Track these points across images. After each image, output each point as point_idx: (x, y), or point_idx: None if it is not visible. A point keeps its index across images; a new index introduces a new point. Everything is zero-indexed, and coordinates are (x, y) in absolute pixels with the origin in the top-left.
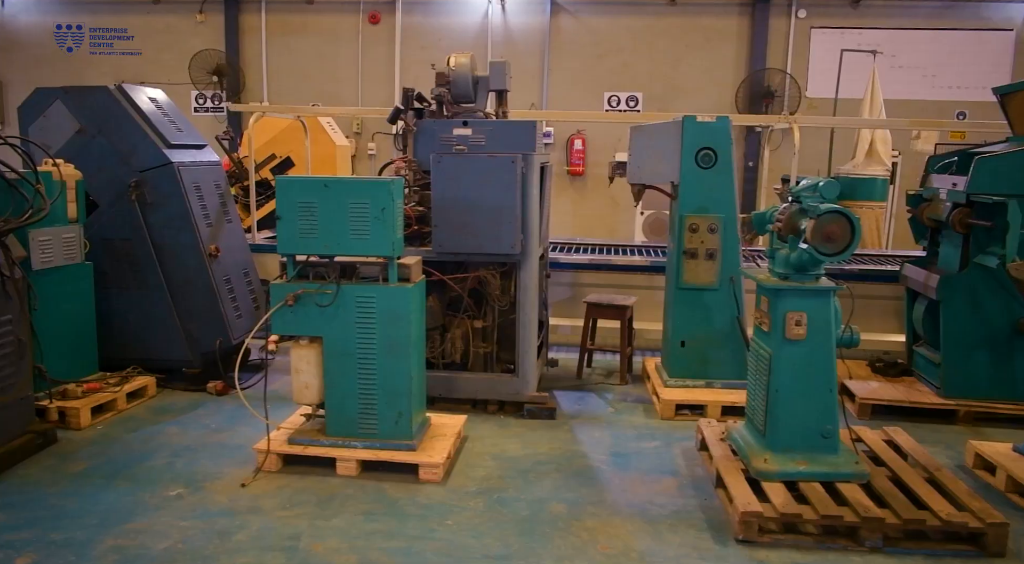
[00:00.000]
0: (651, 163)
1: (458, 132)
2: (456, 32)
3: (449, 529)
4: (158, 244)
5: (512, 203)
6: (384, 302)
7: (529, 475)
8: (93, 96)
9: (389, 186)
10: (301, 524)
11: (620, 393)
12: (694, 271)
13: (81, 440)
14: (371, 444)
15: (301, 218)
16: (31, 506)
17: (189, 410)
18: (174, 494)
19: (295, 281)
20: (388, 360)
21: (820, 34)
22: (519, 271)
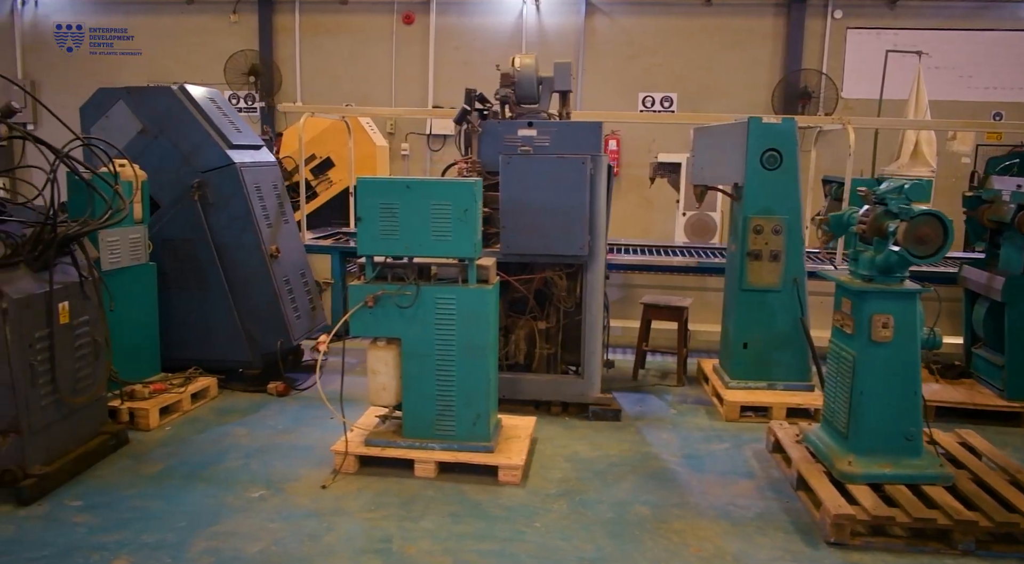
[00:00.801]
0: (715, 164)
1: (523, 133)
2: (490, 32)
3: (537, 531)
4: (219, 244)
5: (582, 204)
6: (464, 303)
7: (606, 477)
8: (156, 96)
9: (472, 187)
10: (389, 526)
11: (678, 395)
12: (758, 273)
13: (151, 441)
14: (449, 446)
15: (382, 219)
16: (116, 507)
17: (252, 411)
18: (256, 496)
19: (374, 282)
20: (466, 361)
21: (856, 34)
22: (586, 272)
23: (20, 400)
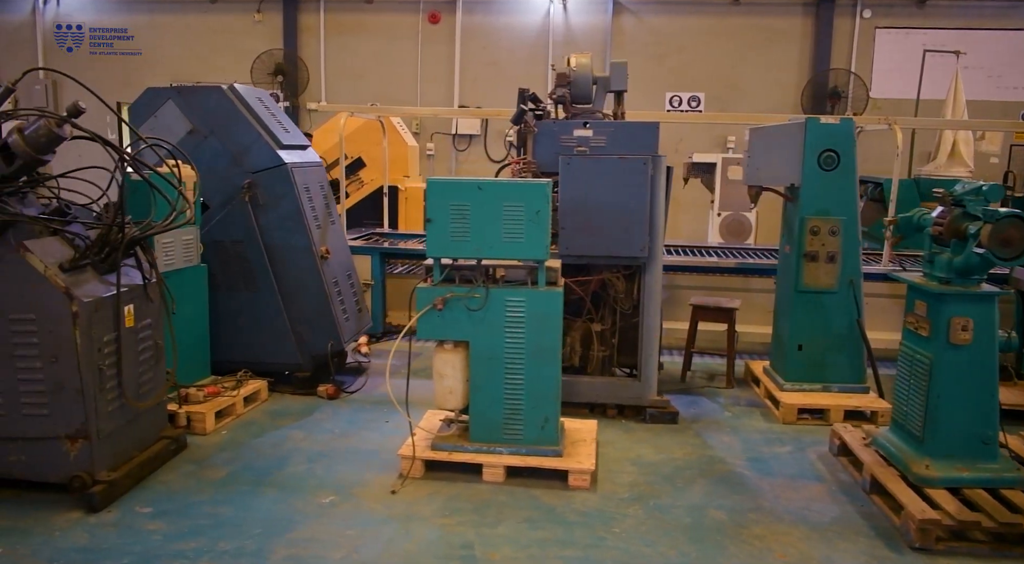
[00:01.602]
0: (770, 165)
1: (579, 133)
2: (517, 32)
3: (619, 537)
4: (270, 246)
5: (642, 206)
6: (534, 306)
7: (675, 481)
8: (206, 96)
9: (545, 188)
10: (467, 532)
11: (730, 397)
12: (814, 274)
13: (210, 445)
14: (517, 450)
15: (453, 221)
16: (187, 514)
17: (305, 414)
18: (327, 501)
19: (441, 285)
20: (535, 364)
21: (884, 34)
22: (644, 274)
23: (89, 405)
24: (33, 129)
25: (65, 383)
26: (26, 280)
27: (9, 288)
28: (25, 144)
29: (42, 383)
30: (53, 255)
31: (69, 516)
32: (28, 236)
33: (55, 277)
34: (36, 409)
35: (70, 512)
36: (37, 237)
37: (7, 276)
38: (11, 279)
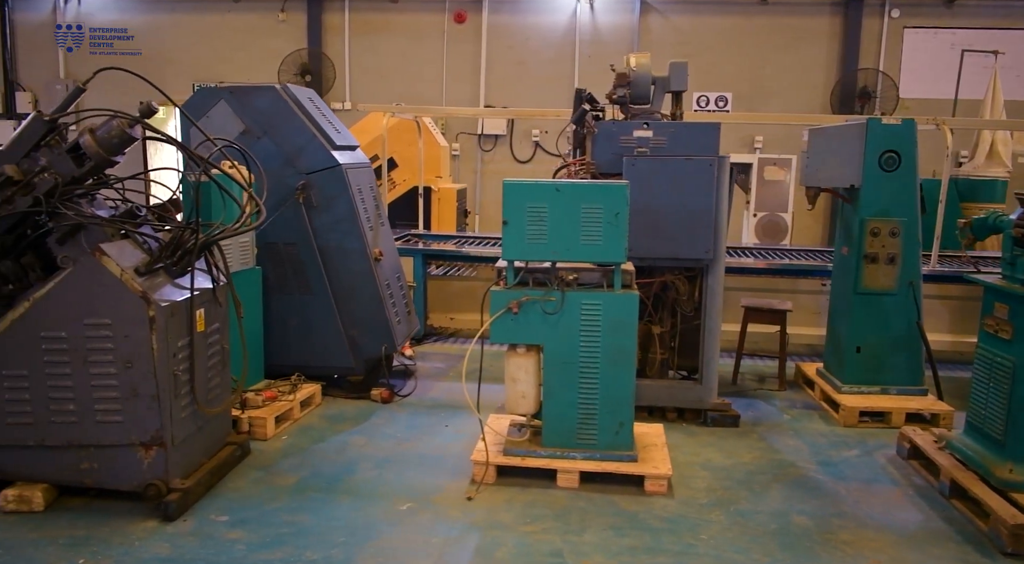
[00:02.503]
0: (830, 166)
1: (638, 134)
2: (544, 31)
3: (708, 544)
4: (323, 248)
5: (708, 207)
6: (610, 309)
7: (751, 486)
8: (260, 96)
9: (624, 190)
10: (554, 540)
11: (784, 399)
12: (874, 275)
13: (272, 451)
14: (591, 455)
15: (530, 223)
16: (265, 522)
17: (362, 419)
18: (405, 508)
19: (515, 288)
20: (611, 369)
21: (912, 34)
22: (707, 276)
23: (164, 412)
24: (105, 130)
25: (140, 389)
26: (102, 284)
27: (84, 292)
28: (97, 145)
29: (116, 389)
30: (127, 258)
31: (145, 525)
32: (100, 239)
33: (131, 281)
34: (110, 416)
35: (145, 521)
36: (109, 240)
37: (82, 280)
38: (86, 283)
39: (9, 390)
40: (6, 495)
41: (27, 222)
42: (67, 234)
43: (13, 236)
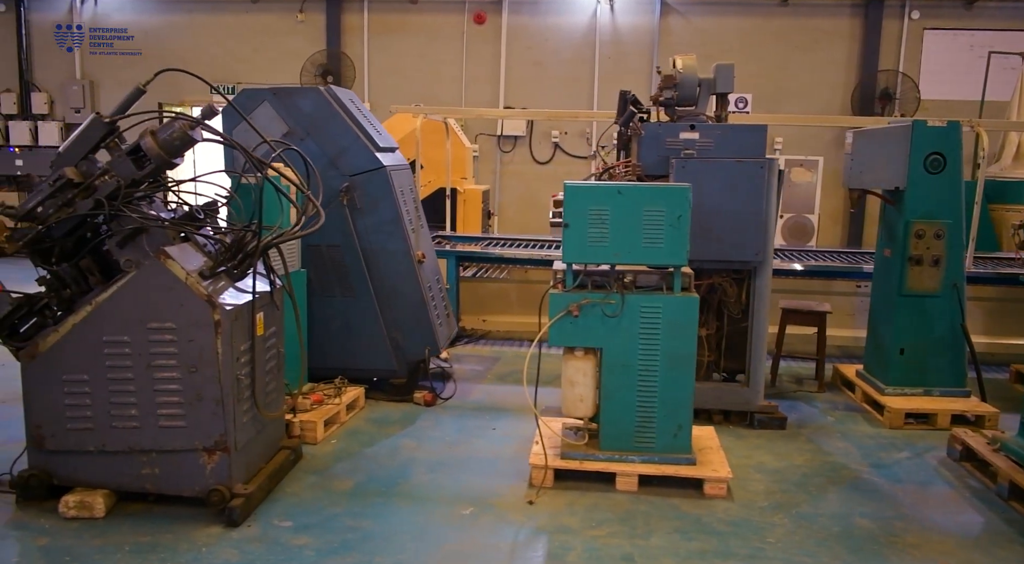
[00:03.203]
0: (874, 168)
1: (685, 136)
2: (564, 32)
3: (776, 548)
4: (367, 250)
5: (759, 209)
6: (670, 312)
7: (808, 488)
8: (303, 97)
9: (686, 192)
10: (622, 544)
11: (825, 401)
12: (918, 277)
13: (324, 455)
14: (649, 458)
15: (591, 226)
16: (330, 528)
17: (408, 422)
18: (467, 513)
19: (574, 291)
20: (670, 372)
21: (932, 35)
22: (755, 278)
23: (228, 416)
24: (167, 132)
25: (204, 394)
26: (166, 287)
27: (147, 296)
28: (159, 147)
29: (180, 394)
30: (190, 261)
31: (209, 531)
32: (162, 241)
33: (196, 285)
34: (173, 421)
35: (208, 527)
36: (170, 243)
37: (146, 283)
38: (150, 286)
39: (69, 395)
40: (67, 501)
41: (87, 225)
42: (127, 237)
43: (73, 239)
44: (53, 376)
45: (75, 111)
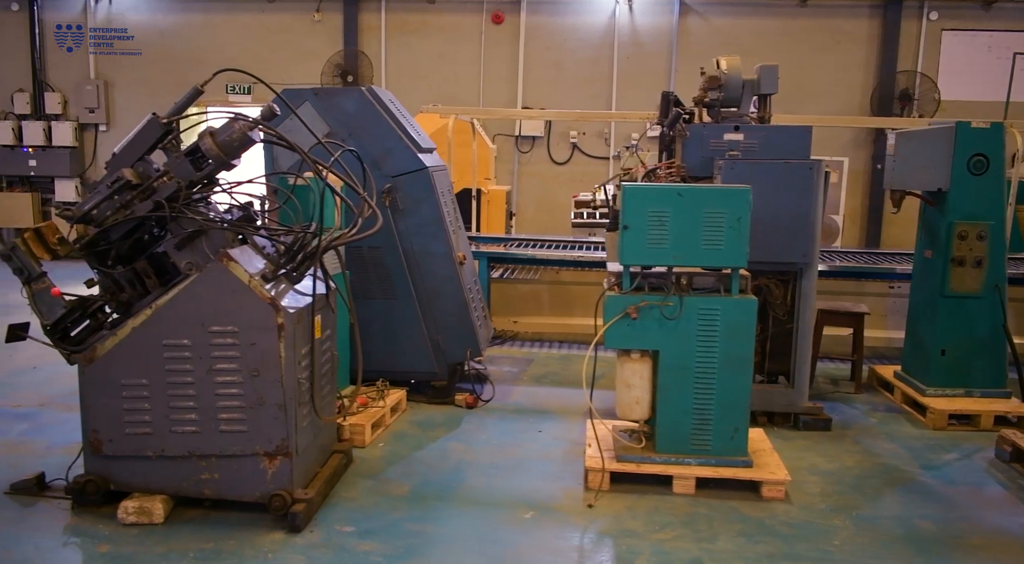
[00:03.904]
0: (917, 169)
1: (729, 137)
2: (582, 32)
3: (843, 551)
4: (408, 252)
5: (808, 211)
6: (728, 314)
7: (864, 490)
8: (345, 98)
9: (747, 194)
10: (689, 547)
11: (865, 402)
12: (961, 279)
13: (374, 459)
14: (706, 461)
15: (651, 228)
16: (394, 533)
17: (453, 425)
18: (528, 517)
19: (632, 293)
20: (727, 374)
21: (951, 36)
22: (801, 279)
23: (290, 421)
24: (227, 133)
25: (266, 398)
26: (229, 290)
27: (209, 299)
28: (218, 148)
29: (242, 398)
30: (250, 264)
31: (272, 537)
32: (220, 244)
33: (259, 288)
34: (234, 425)
35: (270, 533)
36: (229, 245)
37: (207, 286)
38: (212, 289)
39: (128, 399)
40: (126, 507)
41: (144, 227)
42: (186, 239)
43: (129, 242)
44: (111, 380)
45: (89, 111)
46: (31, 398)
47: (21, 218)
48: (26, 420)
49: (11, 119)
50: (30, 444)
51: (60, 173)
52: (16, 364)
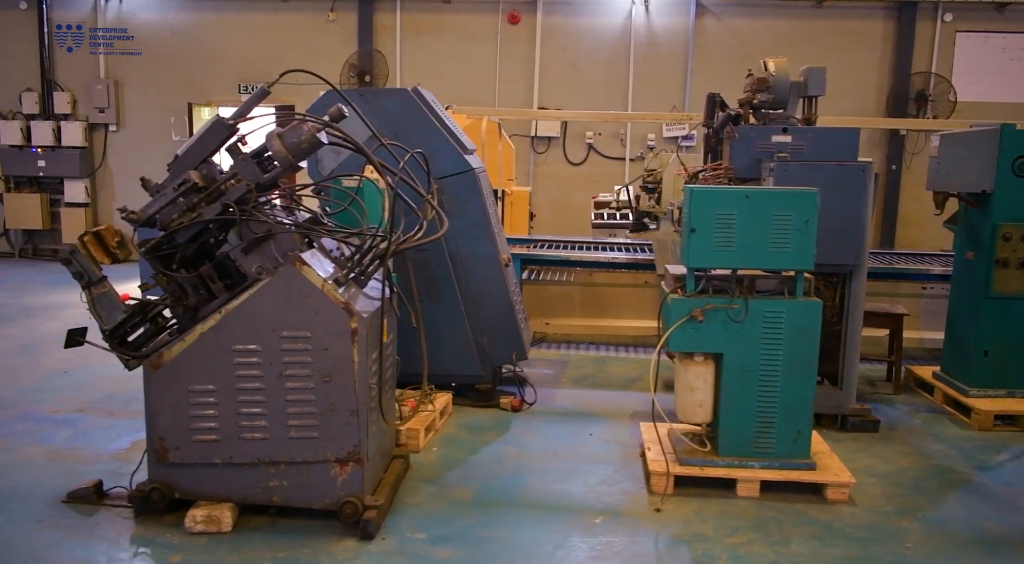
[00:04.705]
0: (961, 171)
1: (777, 139)
2: (598, 33)
3: (918, 553)
4: (454, 254)
5: (860, 212)
6: (794, 317)
7: (925, 492)
8: (390, 99)
9: (814, 197)
10: (764, 551)
11: (905, 403)
12: (1004, 280)
13: (431, 464)
14: (769, 464)
15: (717, 231)
16: (467, 540)
17: (502, 429)
18: (598, 522)
19: (696, 296)
20: (791, 377)
21: (964, 38)
22: (851, 281)
23: (362, 427)
24: (296, 134)
25: (339, 403)
26: (302, 295)
27: (281, 303)
28: (287, 150)
29: (313, 404)
30: (322, 268)
31: (344, 545)
32: (289, 247)
33: (333, 292)
34: (305, 431)
35: (342, 540)
36: (299, 249)
37: (279, 291)
38: (284, 294)
39: (195, 406)
40: (194, 516)
41: (209, 231)
42: (254, 243)
43: (195, 246)
44: (178, 387)
45: (99, 111)
46: (68, 403)
47: (30, 219)
48: (68, 426)
49: (19, 119)
50: (78, 451)
51: (70, 174)
52: (47, 368)
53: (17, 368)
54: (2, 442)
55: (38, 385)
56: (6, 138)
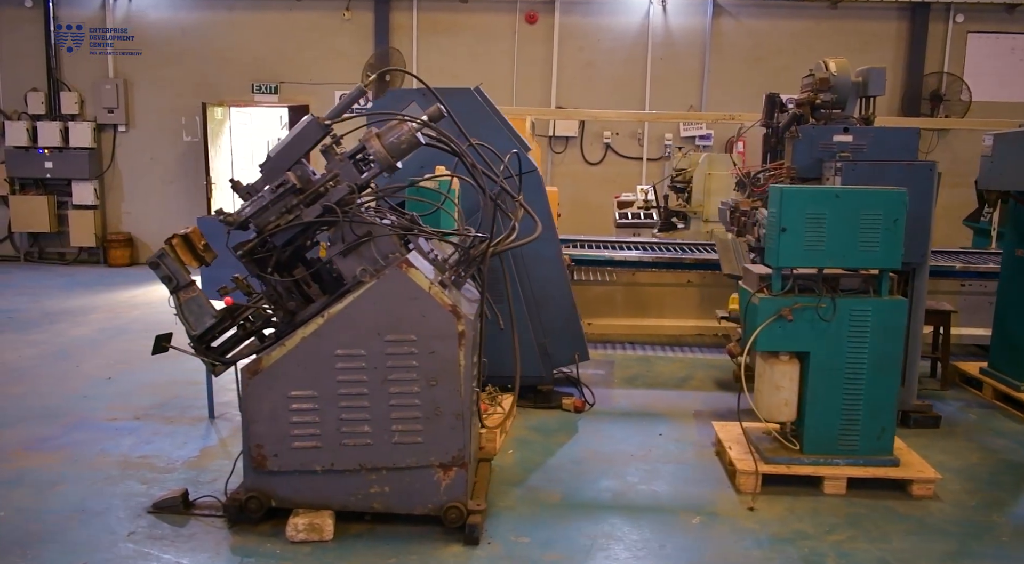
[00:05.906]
0: (1014, 169)
1: (838, 139)
2: (616, 33)
3: (1016, 548)
4: (517, 255)
5: (927, 212)
6: (880, 316)
7: (1003, 487)
8: (453, 98)
9: (904, 196)
10: (870, 548)
11: (955, 399)
12: None
13: (510, 466)
14: (854, 461)
15: (808, 230)
16: (574, 544)
17: (571, 430)
18: (696, 522)
19: (783, 295)
20: (876, 375)
21: (976, 38)
22: (915, 279)
23: (467, 430)
24: (395, 135)
25: (444, 407)
26: (408, 298)
27: (387, 306)
28: (386, 150)
29: (418, 408)
30: (426, 270)
31: (451, 550)
32: (388, 250)
33: (439, 294)
34: (409, 437)
35: (447, 546)
36: (399, 251)
37: (385, 294)
38: (389, 297)
39: (296, 412)
40: (295, 524)
41: (304, 234)
42: (354, 245)
43: (290, 249)
44: (277, 393)
45: (108, 111)
46: (122, 411)
47: (36, 222)
48: (130, 434)
49: (25, 119)
50: (148, 460)
51: (78, 175)
52: (88, 374)
53: (57, 375)
54: (68, 451)
55: (84, 392)
56: (12, 139)
